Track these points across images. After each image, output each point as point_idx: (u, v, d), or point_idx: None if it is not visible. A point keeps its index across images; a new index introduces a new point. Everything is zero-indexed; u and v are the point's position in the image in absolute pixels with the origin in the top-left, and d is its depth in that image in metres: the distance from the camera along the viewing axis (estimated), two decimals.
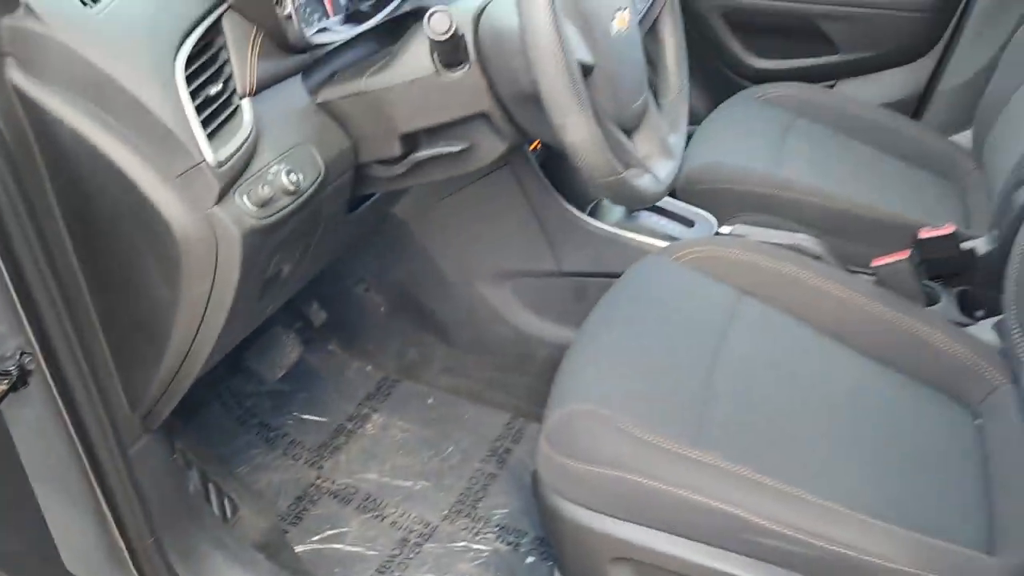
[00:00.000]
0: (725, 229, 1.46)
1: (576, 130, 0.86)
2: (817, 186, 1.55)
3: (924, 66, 1.91)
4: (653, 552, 0.97)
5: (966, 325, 1.32)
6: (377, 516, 1.45)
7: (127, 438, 0.99)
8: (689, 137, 1.71)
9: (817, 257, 1.37)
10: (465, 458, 1.56)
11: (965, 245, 1.44)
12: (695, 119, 1.96)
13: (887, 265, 1.30)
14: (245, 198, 0.87)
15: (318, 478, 1.51)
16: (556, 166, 1.52)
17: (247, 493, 1.39)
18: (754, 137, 1.70)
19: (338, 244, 1.28)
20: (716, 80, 2.08)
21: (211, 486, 1.35)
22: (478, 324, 1.62)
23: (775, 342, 1.21)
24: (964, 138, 1.80)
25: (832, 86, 1.99)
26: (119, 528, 1.01)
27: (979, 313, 1.42)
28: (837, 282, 1.28)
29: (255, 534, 1.32)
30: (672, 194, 1.58)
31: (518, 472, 1.53)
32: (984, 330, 1.29)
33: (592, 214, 1.50)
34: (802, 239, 1.39)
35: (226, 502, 1.34)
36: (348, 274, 1.67)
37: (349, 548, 1.39)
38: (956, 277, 1.46)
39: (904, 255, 1.30)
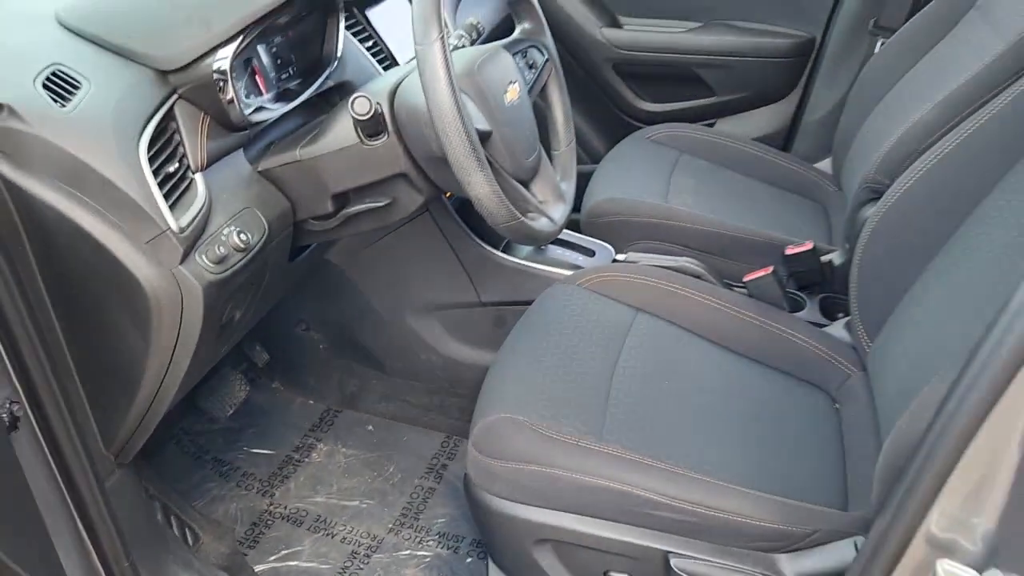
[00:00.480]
0: (621, 256, 1.67)
1: (478, 186, 1.05)
2: (699, 214, 1.78)
3: (788, 104, 2.19)
4: (568, 531, 1.16)
5: (824, 326, 1.56)
6: (328, 534, 1.59)
7: (103, 473, 1.13)
8: (589, 175, 1.94)
9: (698, 276, 1.59)
10: (406, 476, 1.72)
11: (824, 258, 1.68)
12: (595, 158, 2.20)
13: (756, 279, 1.53)
14: (204, 257, 1.03)
15: (271, 504, 1.65)
16: (470, 210, 1.71)
17: (206, 522, 1.53)
18: (645, 173, 1.93)
19: (281, 289, 1.45)
20: (611, 123, 2.32)
21: (173, 518, 1.48)
22: (410, 355, 1.79)
23: (664, 350, 1.42)
24: (825, 165, 2.07)
25: (711, 124, 2.26)
26: (98, 553, 1.14)
27: (839, 316, 1.66)
28: (715, 296, 1.50)
29: (217, 558, 1.46)
30: (576, 228, 1.80)
31: (454, 485, 1.70)
32: (838, 329, 1.52)
33: (505, 250, 1.70)
34: (685, 262, 1.61)
35: (187, 531, 1.48)
36: (288, 317, 1.83)
37: (305, 564, 1.54)
38: (818, 286, 1.70)
39: (769, 270, 1.53)
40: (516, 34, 1.37)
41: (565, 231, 1.75)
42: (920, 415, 0.93)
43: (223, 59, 1.07)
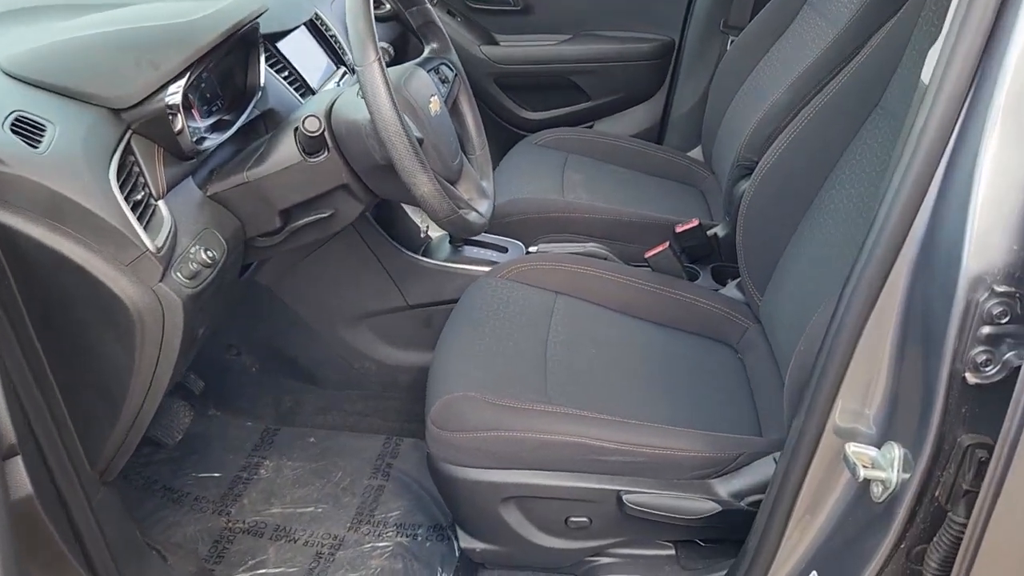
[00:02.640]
0: (532, 249, 1.83)
1: (423, 185, 1.18)
2: (594, 204, 1.97)
3: (657, 102, 2.43)
4: (531, 486, 1.30)
5: (719, 290, 1.77)
6: (290, 540, 1.67)
7: (91, 492, 1.19)
8: None
9: (604, 258, 1.77)
10: (354, 479, 1.81)
11: (710, 232, 1.90)
12: None
13: (655, 255, 1.73)
14: (179, 274, 1.12)
15: (228, 521, 1.70)
16: (388, 220, 1.84)
17: (169, 545, 1.57)
18: (540, 174, 2.10)
19: (228, 307, 1.52)
20: (499, 134, 2.49)
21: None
22: (344, 365, 1.88)
23: (586, 324, 1.58)
24: (697, 153, 2.32)
25: (591, 126, 2.47)
26: (88, 566, 1.19)
27: (729, 280, 1.88)
28: (622, 274, 1.68)
29: None
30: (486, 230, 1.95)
31: (402, 480, 1.81)
32: (732, 290, 1.74)
33: (424, 254, 1.83)
34: (592, 247, 1.79)
35: (155, 554, 1.52)
36: (218, 343, 1.89)
37: (272, 570, 1.60)
38: (707, 257, 1.92)
39: (665, 245, 1.73)
40: (426, 53, 1.52)
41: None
42: (812, 341, 1.13)
43: (174, 94, 1.16)
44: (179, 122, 1.18)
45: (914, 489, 0.85)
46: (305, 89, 1.63)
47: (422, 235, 1.90)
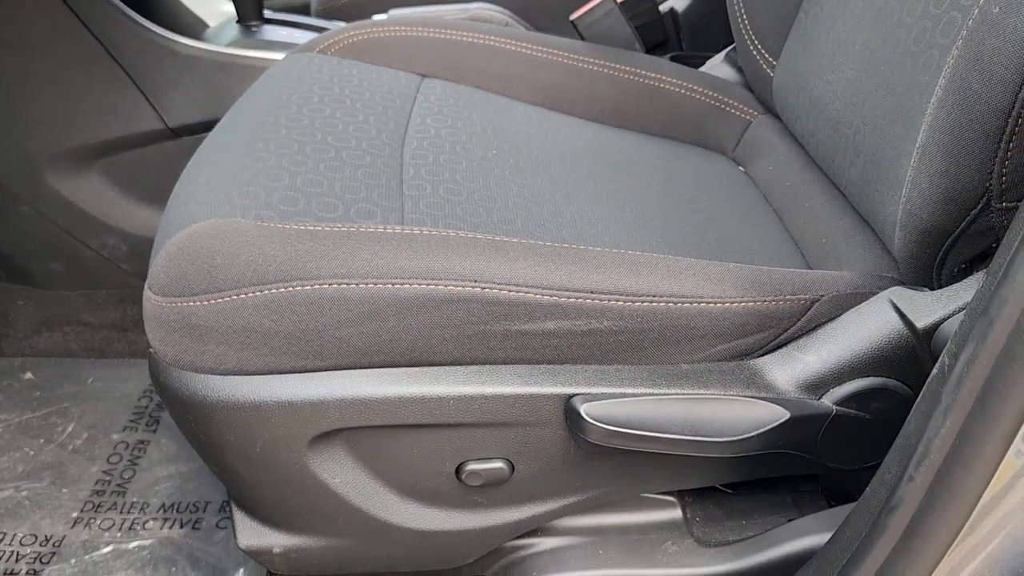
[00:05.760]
0: (378, 17, 1.08)
1: None
2: None
3: None
4: (372, 402, 0.57)
5: None
6: None
7: None
8: None
9: (505, 24, 1.05)
10: (96, 433, 1.05)
11: (663, 6, 1.21)
12: None
13: (587, 13, 1.01)
14: None
15: None
16: None
17: None
18: None
19: None
20: None
21: None
22: (72, 244, 1.11)
23: (478, 121, 0.86)
24: None
25: None
26: None
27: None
28: (538, 44, 0.96)
29: None
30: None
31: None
32: (720, 67, 1.04)
33: (193, 37, 1.06)
34: (479, 7, 1.06)
35: None
36: None
37: None
38: (661, 46, 1.22)
39: None
40: None
41: (293, 15, 1.15)
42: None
43: None
44: None
45: None
46: None
47: (196, 14, 1.12)
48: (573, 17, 1.01)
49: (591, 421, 0.56)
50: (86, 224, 1.09)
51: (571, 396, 0.58)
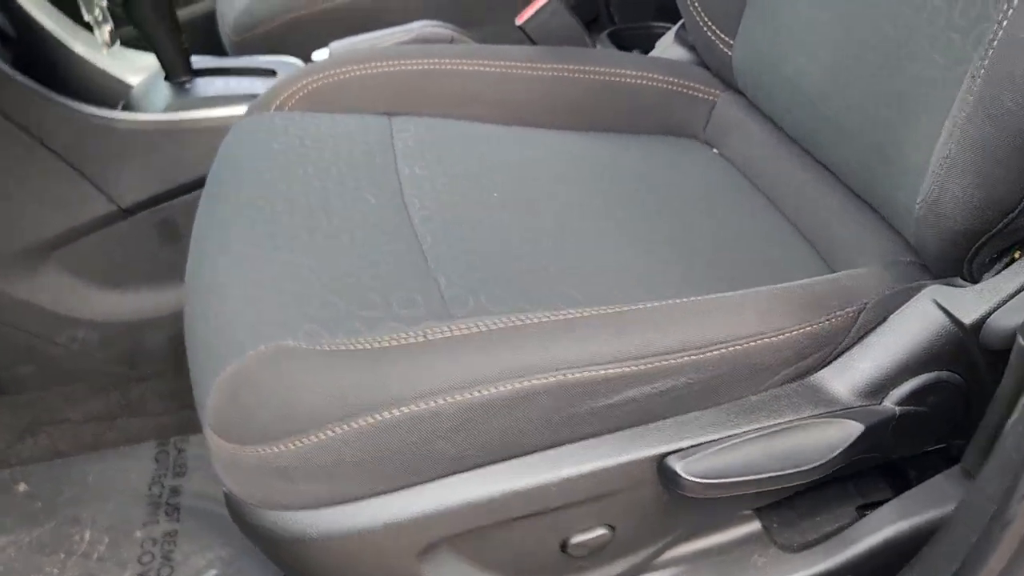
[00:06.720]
0: (319, 55, 1.03)
1: None
2: None
3: None
4: (475, 507, 0.58)
5: None
6: None
7: None
8: None
9: (451, 40, 1.02)
10: (117, 535, 1.01)
11: None
12: None
13: (535, 16, 0.99)
14: None
15: None
16: (43, 62, 0.98)
17: None
18: None
19: None
20: None
21: None
22: (39, 344, 1.04)
23: (463, 153, 0.84)
24: None
25: None
26: None
27: (635, 49, 1.20)
28: (493, 58, 0.94)
29: None
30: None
31: (206, 508, 1.03)
32: (670, 49, 1.04)
33: (126, 108, 0.99)
34: (422, 26, 1.02)
35: None
36: None
37: None
38: (593, 23, 1.22)
39: None
40: None
41: (219, 59, 1.08)
42: None
43: None
44: None
45: None
46: None
47: (116, 76, 1.05)
48: (520, 22, 0.98)
49: (690, 479, 0.58)
50: (50, 321, 1.02)
51: (663, 456, 0.59)
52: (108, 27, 0.98)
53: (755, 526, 0.70)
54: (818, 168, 0.84)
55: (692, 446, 0.59)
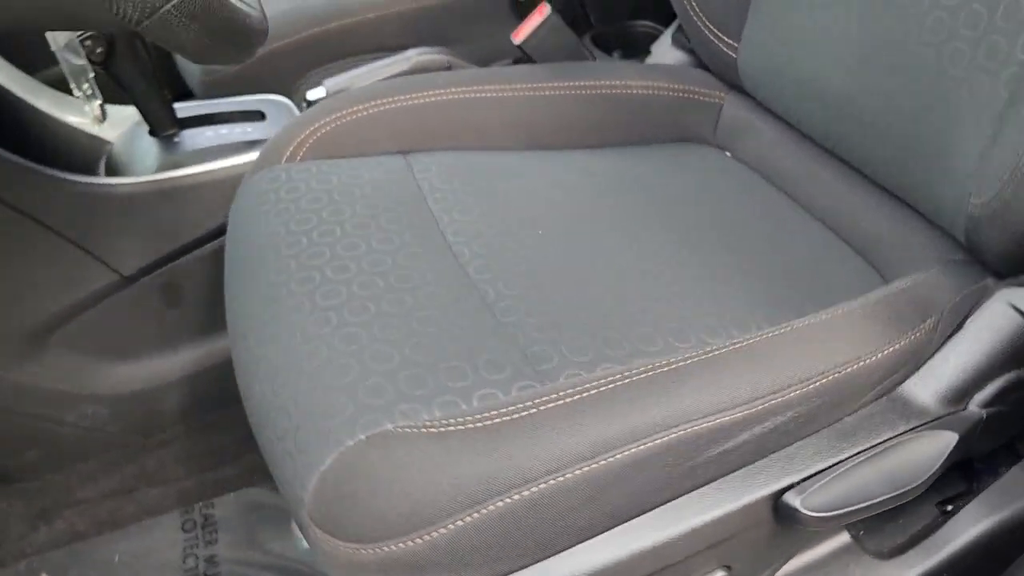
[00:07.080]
0: (315, 95, 0.99)
1: None
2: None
3: None
4: (604, 571, 0.57)
5: None
6: None
7: None
8: None
9: (449, 67, 0.99)
10: None
11: None
12: None
13: (533, 34, 0.97)
14: None
15: None
16: (18, 128, 0.91)
17: None
18: None
19: None
20: None
21: None
22: (41, 429, 0.98)
23: (493, 188, 0.82)
24: None
25: None
26: None
27: (616, 52, 1.19)
28: (497, 82, 0.91)
29: None
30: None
31: (250, 573, 1.00)
32: (667, 50, 1.03)
33: (112, 174, 0.93)
34: (417, 54, 0.98)
35: None
36: None
37: None
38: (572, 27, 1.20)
39: (543, 11, 0.97)
40: None
41: (201, 104, 1.03)
42: None
43: None
44: None
45: None
46: None
47: (91, 134, 0.98)
48: (519, 41, 0.96)
49: (810, 514, 0.58)
50: (56, 402, 0.96)
51: (779, 493, 0.59)
52: (98, 102, 0.92)
53: (844, 537, 0.71)
54: (837, 163, 0.85)
55: (803, 479, 0.60)
